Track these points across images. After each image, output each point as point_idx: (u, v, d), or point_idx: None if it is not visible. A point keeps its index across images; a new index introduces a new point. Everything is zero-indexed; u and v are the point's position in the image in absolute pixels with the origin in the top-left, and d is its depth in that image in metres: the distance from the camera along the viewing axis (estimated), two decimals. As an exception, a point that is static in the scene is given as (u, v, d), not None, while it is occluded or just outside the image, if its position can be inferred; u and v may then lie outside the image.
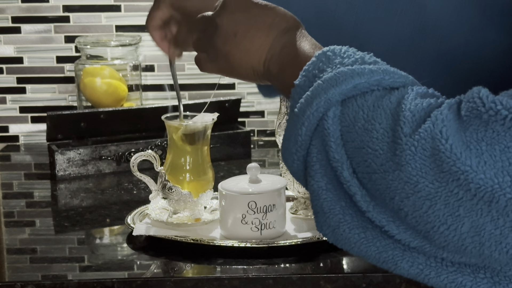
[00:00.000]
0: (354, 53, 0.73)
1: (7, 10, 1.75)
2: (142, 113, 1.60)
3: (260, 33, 0.80)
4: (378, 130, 0.68)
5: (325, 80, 0.71)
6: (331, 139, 0.70)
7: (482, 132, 0.63)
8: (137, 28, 1.76)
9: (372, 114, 0.69)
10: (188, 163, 1.18)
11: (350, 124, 0.69)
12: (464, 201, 0.64)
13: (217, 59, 0.83)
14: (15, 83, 1.78)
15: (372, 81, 0.70)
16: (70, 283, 1.03)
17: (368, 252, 0.71)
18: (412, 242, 0.68)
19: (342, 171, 0.69)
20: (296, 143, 0.72)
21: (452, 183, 0.64)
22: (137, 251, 1.13)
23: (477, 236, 0.64)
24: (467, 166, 0.63)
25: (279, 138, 1.23)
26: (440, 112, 0.65)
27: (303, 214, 1.21)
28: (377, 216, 0.69)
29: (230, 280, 1.03)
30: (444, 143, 0.64)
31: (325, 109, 0.70)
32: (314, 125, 0.71)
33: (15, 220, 1.30)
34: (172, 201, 1.17)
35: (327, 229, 0.72)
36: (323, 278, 1.03)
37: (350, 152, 0.69)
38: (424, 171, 0.65)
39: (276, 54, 0.79)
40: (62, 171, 1.49)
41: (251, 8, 0.81)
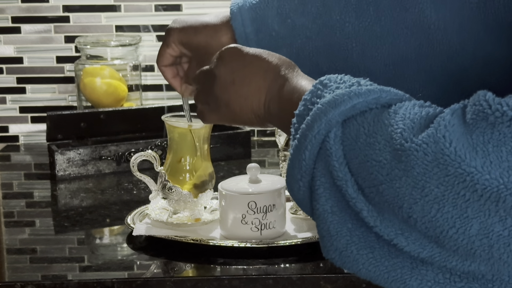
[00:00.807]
0: (350, 79, 0.75)
1: (7, 10, 1.75)
2: (142, 113, 1.60)
3: (257, 78, 0.82)
4: (380, 141, 0.68)
5: (324, 103, 0.72)
6: (334, 158, 0.70)
7: (488, 134, 0.64)
8: (137, 28, 1.76)
9: (373, 128, 0.69)
10: (188, 163, 1.18)
11: (352, 142, 0.70)
12: (472, 202, 0.64)
13: (218, 109, 0.85)
14: (15, 83, 1.78)
15: (370, 99, 0.71)
16: (70, 283, 1.03)
17: (376, 272, 0.71)
18: (422, 252, 0.68)
19: (347, 188, 0.70)
20: (301, 169, 0.73)
21: (458, 185, 0.64)
22: (137, 251, 1.13)
23: (486, 238, 0.65)
24: (472, 168, 0.63)
25: (279, 138, 1.23)
26: (442, 118, 0.66)
27: (303, 214, 1.21)
28: (385, 230, 0.69)
29: (230, 280, 1.03)
30: (448, 147, 0.64)
31: (326, 130, 0.71)
32: (317, 148, 0.72)
33: (15, 220, 1.30)
34: (172, 201, 1.17)
35: (334, 253, 0.73)
36: (323, 278, 1.03)
37: (355, 169, 0.70)
38: (429, 175, 0.65)
39: (275, 95, 0.80)
40: (62, 171, 1.49)
41: (246, 57, 0.84)
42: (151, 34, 1.76)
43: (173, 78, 1.04)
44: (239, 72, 0.83)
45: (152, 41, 1.76)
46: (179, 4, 1.75)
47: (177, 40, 1.00)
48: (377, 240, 0.70)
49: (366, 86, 0.72)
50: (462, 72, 0.87)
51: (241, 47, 0.84)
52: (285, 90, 0.79)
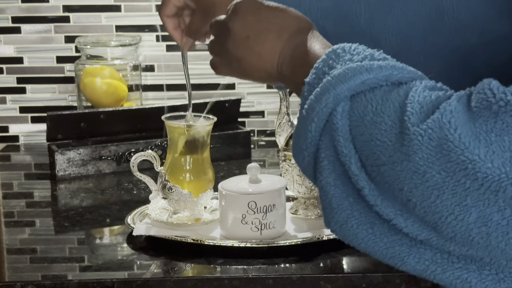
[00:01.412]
0: (364, 50, 0.73)
1: (7, 10, 1.75)
2: (142, 113, 1.60)
3: (271, 36, 0.80)
4: (386, 122, 0.68)
5: (334, 76, 0.71)
6: (339, 133, 0.70)
7: (491, 123, 0.64)
8: (137, 28, 1.76)
9: (381, 107, 0.69)
10: (188, 163, 1.18)
11: (359, 118, 0.70)
12: (472, 190, 0.64)
13: (231, 63, 0.84)
14: (15, 83, 1.78)
15: (380, 76, 0.70)
16: (70, 283, 1.03)
17: (375, 248, 0.71)
18: (420, 235, 0.68)
19: (350, 165, 0.70)
20: (306, 140, 0.72)
21: (459, 173, 0.64)
22: (137, 251, 1.13)
23: (484, 226, 0.64)
24: (475, 156, 0.63)
25: (279, 138, 1.23)
26: (448, 103, 0.65)
27: (303, 214, 1.21)
28: (384, 210, 0.69)
29: (230, 280, 1.03)
30: (453, 133, 0.64)
31: (334, 104, 0.71)
32: (324, 121, 0.71)
33: (15, 220, 1.30)
34: (172, 201, 1.17)
35: (335, 225, 0.73)
36: (323, 278, 1.03)
37: (359, 146, 0.70)
38: (431, 161, 0.65)
39: (288, 56, 0.79)
40: (62, 171, 1.49)
41: (261, 11, 0.82)
42: (151, 34, 1.76)
43: (174, 30, 1.00)
44: (253, 27, 0.81)
45: (152, 41, 1.76)
46: (179, 4, 1.75)
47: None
48: (377, 217, 0.70)
49: (378, 62, 0.71)
50: (469, 48, 0.86)
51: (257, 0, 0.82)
52: (299, 52, 0.78)
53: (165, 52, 1.75)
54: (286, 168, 1.21)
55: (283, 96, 1.21)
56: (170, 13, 1.00)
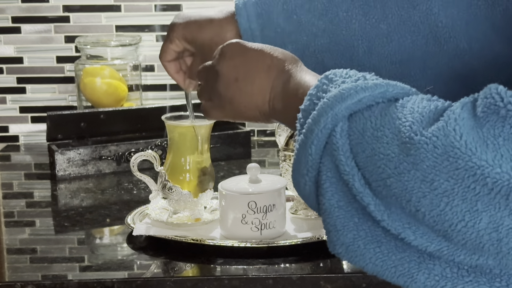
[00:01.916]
0: (355, 73, 0.74)
1: (7, 10, 1.75)
2: (142, 113, 1.60)
3: (260, 75, 0.81)
4: (387, 135, 0.68)
5: (330, 98, 0.71)
6: (340, 153, 0.70)
7: (499, 127, 0.63)
8: (137, 28, 1.76)
9: (380, 122, 0.69)
10: (188, 163, 1.18)
11: (359, 136, 0.70)
12: (482, 196, 0.64)
13: (222, 106, 0.84)
14: (15, 83, 1.78)
15: (376, 93, 0.71)
16: (70, 283, 1.03)
17: (383, 266, 0.71)
18: (430, 246, 0.68)
19: (354, 182, 0.69)
20: (307, 164, 0.72)
21: (468, 179, 0.64)
22: (137, 251, 1.13)
23: (495, 232, 0.64)
24: (483, 161, 0.63)
25: (279, 138, 1.23)
26: (452, 111, 0.65)
27: (303, 214, 1.21)
28: (392, 224, 0.68)
29: (230, 280, 1.03)
30: (459, 140, 0.64)
31: (332, 125, 0.71)
32: (323, 142, 0.71)
33: (15, 220, 1.30)
34: (172, 201, 1.17)
35: (341, 247, 0.72)
36: (323, 278, 1.03)
37: (362, 163, 0.70)
38: (438, 168, 0.65)
39: (279, 92, 0.80)
40: (62, 171, 1.49)
41: (248, 52, 0.83)
42: (151, 34, 1.76)
43: (177, 73, 1.02)
44: (242, 69, 0.82)
45: (152, 41, 1.76)
46: (179, 4, 1.75)
47: (181, 36, 0.99)
48: (384, 235, 0.70)
49: (372, 80, 0.72)
50: (469, 71, 0.86)
51: (243, 42, 0.83)
52: (289, 86, 0.79)
53: (165, 52, 1.75)
54: (286, 168, 1.21)
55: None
56: (171, 58, 1.02)
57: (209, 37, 0.97)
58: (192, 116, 1.12)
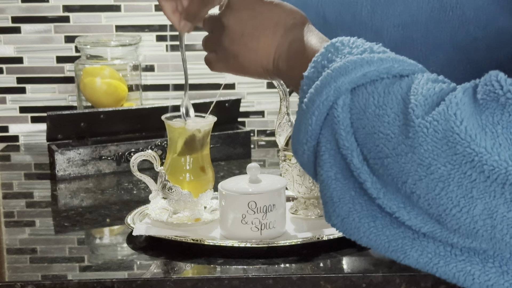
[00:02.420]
0: (363, 43, 0.73)
1: (7, 10, 1.75)
2: (142, 113, 1.60)
3: (267, 32, 0.80)
4: (389, 114, 0.68)
5: (334, 69, 0.70)
6: (341, 127, 0.69)
7: (498, 115, 0.63)
8: (137, 28, 1.76)
9: (383, 100, 0.68)
10: (188, 163, 1.18)
11: (361, 111, 0.69)
12: (478, 183, 0.63)
13: (226, 59, 0.83)
14: (15, 83, 1.78)
15: (381, 69, 0.70)
16: (70, 283, 1.03)
17: (377, 241, 0.71)
18: (423, 228, 0.68)
19: (352, 158, 0.69)
20: (306, 133, 0.72)
21: (465, 165, 0.63)
22: (137, 251, 1.13)
23: (489, 219, 0.64)
24: (482, 148, 0.63)
25: (279, 138, 1.23)
26: (454, 95, 0.65)
27: (303, 214, 1.21)
28: (387, 203, 0.68)
29: (230, 280, 1.03)
30: (459, 125, 0.64)
31: (334, 97, 0.70)
32: (324, 114, 0.71)
33: (15, 220, 1.30)
34: (172, 201, 1.17)
35: (336, 219, 0.72)
36: (323, 278, 1.03)
37: (361, 139, 0.69)
38: (437, 153, 0.64)
39: (284, 52, 0.79)
40: (62, 171, 1.49)
41: (256, 6, 0.81)
42: (151, 34, 1.76)
43: (172, 13, 0.98)
44: (248, 23, 0.81)
45: (152, 41, 1.76)
46: (179, 4, 1.75)
47: None
48: (379, 210, 0.70)
49: (378, 54, 0.71)
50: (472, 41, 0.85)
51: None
52: (295, 47, 0.78)
53: (165, 52, 1.75)
54: (286, 168, 1.21)
55: (283, 96, 1.21)
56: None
57: None
58: (184, 58, 1.07)
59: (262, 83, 1.78)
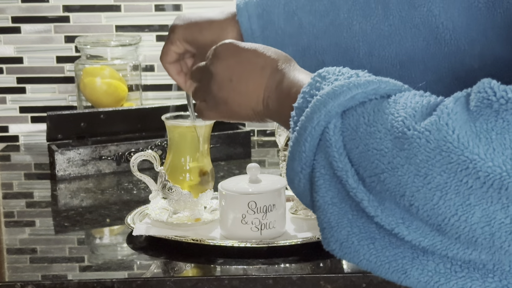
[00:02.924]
0: (348, 71, 0.75)
1: (7, 10, 1.75)
2: (142, 113, 1.60)
3: (254, 75, 0.82)
4: (380, 130, 0.68)
5: (323, 95, 0.72)
6: (333, 149, 0.70)
7: (492, 122, 0.64)
8: (137, 28, 1.76)
9: (373, 118, 0.69)
10: (188, 163, 1.18)
11: (353, 132, 0.70)
12: (474, 189, 0.64)
13: (217, 106, 0.85)
14: (15, 83, 1.78)
15: (369, 90, 0.71)
16: (70, 283, 1.03)
17: (377, 262, 0.71)
18: (423, 241, 0.68)
19: (348, 179, 0.70)
20: (301, 161, 0.73)
21: (461, 173, 0.64)
22: (137, 251, 1.13)
23: (488, 226, 0.65)
24: (475, 155, 0.63)
25: (279, 138, 1.23)
26: (445, 106, 0.66)
27: (303, 214, 1.21)
28: (386, 220, 0.69)
29: (230, 280, 1.03)
30: (451, 134, 0.64)
31: (326, 122, 0.71)
32: (317, 139, 0.72)
33: (15, 220, 1.30)
34: (172, 201, 1.17)
35: (335, 244, 0.73)
36: (323, 278, 1.03)
37: (356, 159, 0.70)
38: (431, 163, 0.65)
39: (273, 91, 0.80)
40: (62, 171, 1.49)
41: (241, 53, 0.83)
42: (151, 34, 1.76)
43: (178, 75, 1.02)
44: (235, 69, 0.82)
45: (152, 41, 1.76)
46: (179, 4, 1.75)
47: (182, 38, 0.99)
48: (378, 231, 0.70)
49: (365, 77, 0.72)
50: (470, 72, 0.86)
51: (236, 42, 0.83)
52: (283, 85, 0.79)
53: (165, 52, 1.75)
54: (286, 162, 1.21)
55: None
56: (172, 59, 1.02)
57: (210, 39, 0.97)
58: (193, 117, 1.12)
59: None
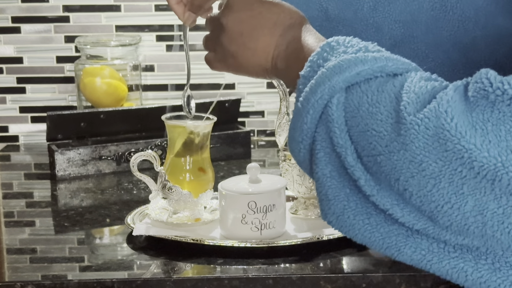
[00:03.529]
0: (358, 43, 0.74)
1: (7, 10, 1.75)
2: (142, 113, 1.60)
3: (265, 31, 0.81)
4: (382, 112, 0.68)
5: (328, 68, 0.71)
6: (335, 125, 0.70)
7: (488, 113, 0.64)
8: (137, 28, 1.76)
9: (376, 98, 0.69)
10: (188, 163, 1.18)
11: (355, 109, 0.70)
12: (468, 179, 0.64)
13: (225, 58, 0.84)
14: (15, 83, 1.78)
15: (375, 67, 0.71)
16: (70, 283, 1.03)
17: (372, 238, 0.71)
18: (416, 225, 0.68)
19: (346, 156, 0.70)
20: (302, 132, 0.72)
21: (455, 162, 0.64)
22: (137, 251, 1.13)
23: (480, 215, 0.65)
24: (471, 145, 0.63)
25: (279, 138, 1.23)
26: (445, 93, 0.66)
27: (303, 214, 1.21)
28: (381, 200, 0.69)
29: (230, 280, 1.03)
30: (449, 122, 0.64)
31: (329, 96, 0.71)
32: (319, 112, 0.71)
33: (15, 220, 1.30)
34: (172, 201, 1.17)
35: (332, 216, 0.73)
36: (323, 278, 1.03)
37: (355, 137, 0.70)
38: (428, 150, 0.65)
39: (282, 51, 0.79)
40: (62, 171, 1.49)
41: (255, 6, 0.82)
42: (151, 34, 1.76)
43: (177, 4, 0.96)
44: (247, 23, 0.82)
45: (152, 41, 1.76)
46: (179, 4, 1.75)
47: None
48: (374, 207, 0.70)
49: (373, 53, 0.72)
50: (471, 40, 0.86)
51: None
52: (293, 48, 0.79)
53: (165, 52, 1.75)
54: (286, 168, 1.21)
55: (283, 96, 1.21)
56: None
57: None
58: (187, 50, 1.08)
59: (262, 83, 1.78)
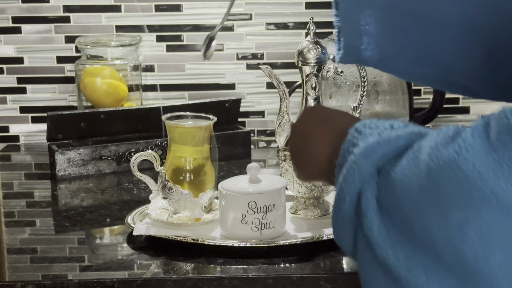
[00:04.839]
0: (383, 123, 0.75)
1: (7, 10, 1.75)
2: (142, 113, 1.60)
3: (322, 135, 0.84)
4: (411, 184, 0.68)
5: (357, 154, 0.73)
6: (369, 219, 0.71)
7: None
8: (137, 28, 1.76)
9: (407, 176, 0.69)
10: (188, 163, 1.18)
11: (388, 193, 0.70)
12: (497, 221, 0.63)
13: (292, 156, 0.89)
14: (16, 83, 1.78)
15: (400, 146, 0.72)
16: (70, 283, 1.03)
17: None
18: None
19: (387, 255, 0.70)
20: (343, 220, 0.75)
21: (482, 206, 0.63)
22: (137, 251, 1.13)
23: None
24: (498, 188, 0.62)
25: (279, 138, 1.23)
26: (463, 140, 0.65)
27: (303, 214, 1.21)
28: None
29: (230, 280, 1.03)
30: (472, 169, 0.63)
31: (360, 186, 0.72)
32: (355, 200, 0.73)
33: (15, 220, 1.30)
34: (172, 201, 1.17)
35: None
36: (323, 278, 1.03)
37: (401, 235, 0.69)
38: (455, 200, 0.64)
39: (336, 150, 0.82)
40: (62, 171, 1.49)
41: (321, 111, 0.88)
42: (151, 34, 1.76)
43: None
44: (310, 127, 0.85)
45: (152, 41, 1.76)
46: (179, 4, 1.75)
47: None
48: None
49: (396, 132, 0.72)
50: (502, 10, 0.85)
51: (323, 107, 0.88)
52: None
53: (165, 52, 1.75)
54: (286, 168, 1.21)
55: (283, 96, 1.21)
56: None
57: None
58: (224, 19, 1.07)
59: (262, 83, 1.78)
